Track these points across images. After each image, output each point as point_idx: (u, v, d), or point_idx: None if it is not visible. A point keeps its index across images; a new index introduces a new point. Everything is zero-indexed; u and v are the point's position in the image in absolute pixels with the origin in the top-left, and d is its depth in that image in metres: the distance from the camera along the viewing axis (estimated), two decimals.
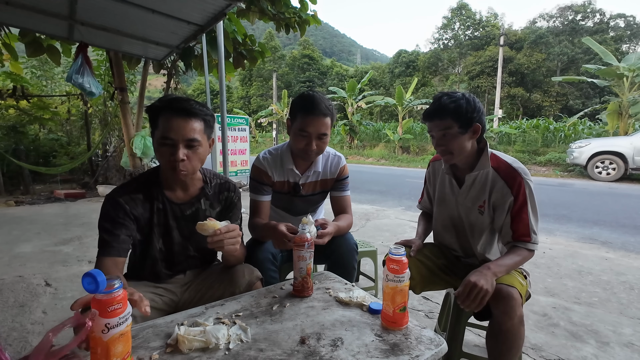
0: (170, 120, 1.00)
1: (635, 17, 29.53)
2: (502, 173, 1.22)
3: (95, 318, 0.61)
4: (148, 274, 1.15)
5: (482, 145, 1.27)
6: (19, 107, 6.88)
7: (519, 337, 1.08)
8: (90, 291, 0.62)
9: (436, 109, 1.21)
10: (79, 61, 3.98)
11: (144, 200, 1.08)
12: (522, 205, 1.18)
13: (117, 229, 1.02)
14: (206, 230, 0.95)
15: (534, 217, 1.19)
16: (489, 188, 1.24)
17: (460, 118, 1.18)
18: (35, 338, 1.71)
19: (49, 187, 6.87)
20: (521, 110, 26.23)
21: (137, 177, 1.13)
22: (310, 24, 4.45)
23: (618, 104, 10.59)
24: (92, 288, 0.61)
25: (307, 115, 1.29)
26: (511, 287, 1.08)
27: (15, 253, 3.01)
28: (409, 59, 33.62)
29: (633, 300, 2.18)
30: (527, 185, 1.19)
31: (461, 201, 1.32)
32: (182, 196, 1.15)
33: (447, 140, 1.21)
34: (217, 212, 1.22)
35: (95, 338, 0.62)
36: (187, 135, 1.01)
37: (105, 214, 1.03)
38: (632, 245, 3.39)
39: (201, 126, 1.05)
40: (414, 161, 14.12)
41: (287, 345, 0.79)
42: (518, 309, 1.06)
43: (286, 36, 6.17)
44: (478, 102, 1.21)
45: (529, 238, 1.18)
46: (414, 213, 4.74)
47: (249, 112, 32.37)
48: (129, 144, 5.29)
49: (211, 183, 1.21)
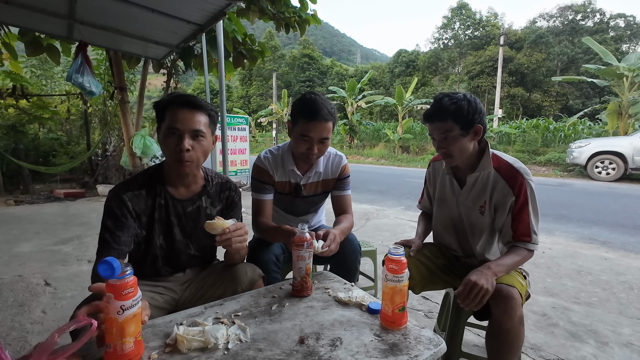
0: (177, 112, 1.04)
1: (635, 17, 29.52)
2: (503, 173, 1.22)
3: (111, 301, 0.67)
4: (149, 270, 1.15)
5: (483, 146, 1.26)
6: (18, 107, 6.87)
7: (519, 337, 1.08)
8: (106, 277, 0.68)
9: (437, 111, 1.20)
10: (79, 60, 3.97)
11: (146, 196, 1.10)
12: (523, 205, 1.18)
13: (119, 229, 1.03)
14: (215, 229, 0.96)
15: (535, 218, 1.19)
16: (490, 188, 1.24)
17: (462, 120, 1.17)
18: (35, 337, 1.71)
19: (48, 186, 6.87)
20: (521, 110, 26.23)
21: (142, 172, 1.15)
22: (310, 23, 4.44)
23: (618, 103, 10.59)
24: (108, 274, 0.67)
25: (309, 120, 1.27)
26: (511, 287, 1.08)
27: (14, 252, 3.01)
28: (409, 59, 33.59)
29: (632, 300, 2.18)
30: (529, 185, 1.19)
31: (462, 201, 1.32)
32: (184, 193, 1.16)
33: (449, 143, 1.20)
34: (218, 210, 1.23)
35: (111, 319, 0.68)
36: (192, 126, 1.04)
37: (109, 212, 1.04)
38: (632, 245, 3.39)
39: (206, 119, 1.09)
40: (414, 161, 14.12)
41: (286, 345, 0.79)
42: (518, 309, 1.05)
43: (286, 36, 6.17)
44: (479, 102, 1.20)
45: (530, 238, 1.18)
46: (413, 213, 4.74)
47: (248, 111, 32.33)
48: (129, 144, 5.29)
49: (212, 181, 1.22)
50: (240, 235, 1.00)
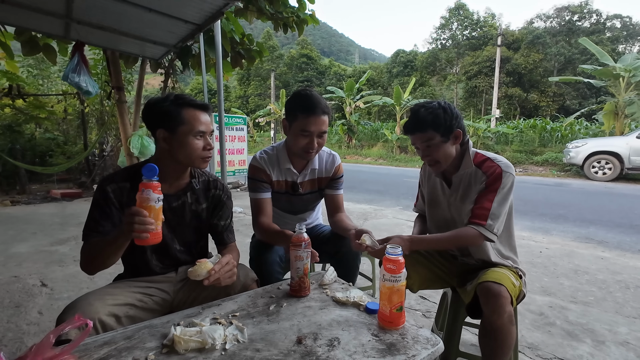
0: (198, 115, 1.12)
1: (632, 17, 29.70)
2: (483, 167, 1.25)
3: (150, 194, 0.88)
4: (140, 263, 1.16)
5: (464, 147, 1.30)
6: (15, 106, 6.82)
7: (509, 335, 1.09)
8: (148, 177, 0.88)
9: (415, 123, 1.24)
10: (75, 60, 3.94)
11: (130, 188, 1.11)
12: (490, 191, 1.20)
13: (104, 219, 1.07)
14: (199, 274, 0.96)
15: (499, 207, 1.19)
16: (474, 184, 1.27)
17: (440, 128, 1.21)
18: (31, 339, 1.70)
19: (45, 186, 6.82)
20: (518, 110, 26.32)
21: (130, 166, 1.18)
22: (308, 23, 4.43)
23: (614, 104, 10.65)
24: (150, 174, 0.88)
25: (308, 115, 1.29)
26: (500, 285, 1.09)
27: (10, 253, 2.99)
28: (407, 59, 33.62)
29: (628, 299, 2.19)
30: (505, 176, 1.20)
31: (452, 202, 1.34)
32: (170, 188, 1.17)
33: (432, 151, 1.24)
34: (204, 208, 1.23)
35: (150, 207, 0.88)
36: (210, 127, 1.16)
37: (95, 201, 1.10)
38: (628, 244, 3.41)
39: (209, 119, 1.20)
40: (412, 161, 14.14)
41: (284, 346, 0.79)
42: (507, 307, 1.06)
43: (284, 36, 6.17)
44: (454, 108, 1.24)
45: (484, 222, 1.18)
46: (411, 213, 4.72)
47: (246, 111, 32.25)
48: (126, 144, 5.26)
49: (199, 178, 1.24)
50: (228, 271, 1.02)
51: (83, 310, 0.92)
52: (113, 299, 1.00)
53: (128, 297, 1.04)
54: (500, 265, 1.27)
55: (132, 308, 1.03)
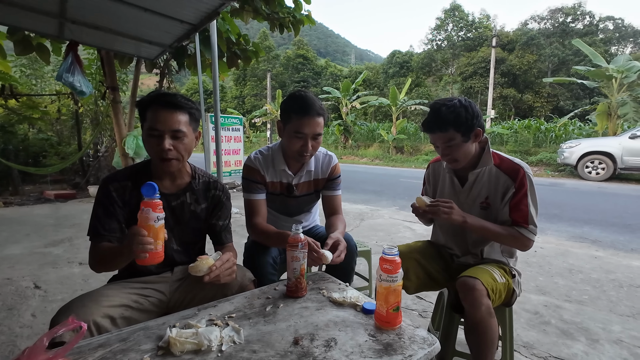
0: (157, 113, 1.07)
1: (624, 19, 30.10)
2: (504, 168, 1.25)
3: (150, 213, 0.87)
4: (136, 265, 1.14)
5: (483, 144, 1.29)
6: (7, 107, 6.74)
7: (490, 329, 1.09)
8: (148, 195, 0.88)
9: (436, 121, 1.22)
10: (69, 60, 3.91)
11: (132, 187, 1.12)
12: (523, 196, 1.21)
13: (108, 216, 1.09)
14: (200, 270, 0.96)
15: (534, 209, 1.21)
16: (493, 184, 1.27)
17: (462, 127, 1.19)
18: (24, 342, 1.68)
19: (38, 187, 6.74)
20: (513, 111, 26.51)
21: (131, 166, 1.19)
22: (304, 23, 4.43)
23: (607, 104, 10.77)
24: (150, 193, 0.88)
25: (302, 116, 1.28)
26: (474, 279, 1.10)
27: (3, 255, 2.96)
28: (402, 60, 33.74)
29: (622, 298, 2.22)
30: (529, 178, 1.22)
31: (463, 199, 1.33)
32: (169, 187, 1.18)
33: (452, 150, 1.23)
34: (203, 208, 1.23)
35: (149, 226, 0.88)
36: (172, 126, 1.07)
37: (98, 200, 1.11)
38: (621, 243, 3.45)
39: (186, 118, 1.11)
40: (408, 161, 14.18)
41: (281, 347, 0.79)
42: (483, 300, 1.07)
43: (280, 36, 6.16)
44: (475, 106, 1.22)
45: (527, 225, 1.20)
46: (408, 213, 4.75)
47: (243, 111, 32.16)
48: (121, 144, 5.22)
49: (199, 179, 1.24)
50: (228, 269, 1.02)
51: (77, 312, 0.91)
52: (108, 301, 0.99)
53: (123, 298, 1.03)
54: (491, 263, 1.28)
55: (128, 309, 1.02)
